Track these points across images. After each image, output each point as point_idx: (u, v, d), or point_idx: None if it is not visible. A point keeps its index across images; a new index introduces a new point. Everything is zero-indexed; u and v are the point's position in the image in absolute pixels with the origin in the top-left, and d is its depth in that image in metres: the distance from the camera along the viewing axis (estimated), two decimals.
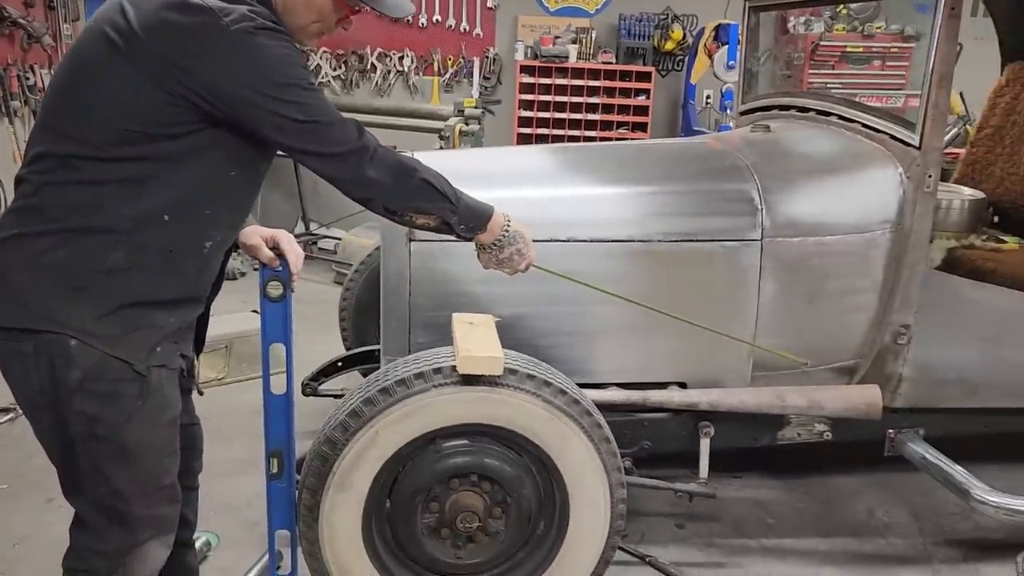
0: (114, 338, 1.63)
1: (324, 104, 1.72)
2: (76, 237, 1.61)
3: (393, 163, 1.81)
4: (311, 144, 1.72)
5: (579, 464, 2.20)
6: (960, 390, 2.71)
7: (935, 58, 2.35)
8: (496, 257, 2.01)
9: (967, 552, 2.95)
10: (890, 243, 2.56)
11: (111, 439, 1.66)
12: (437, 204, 1.87)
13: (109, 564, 1.76)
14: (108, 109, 1.61)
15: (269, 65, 1.63)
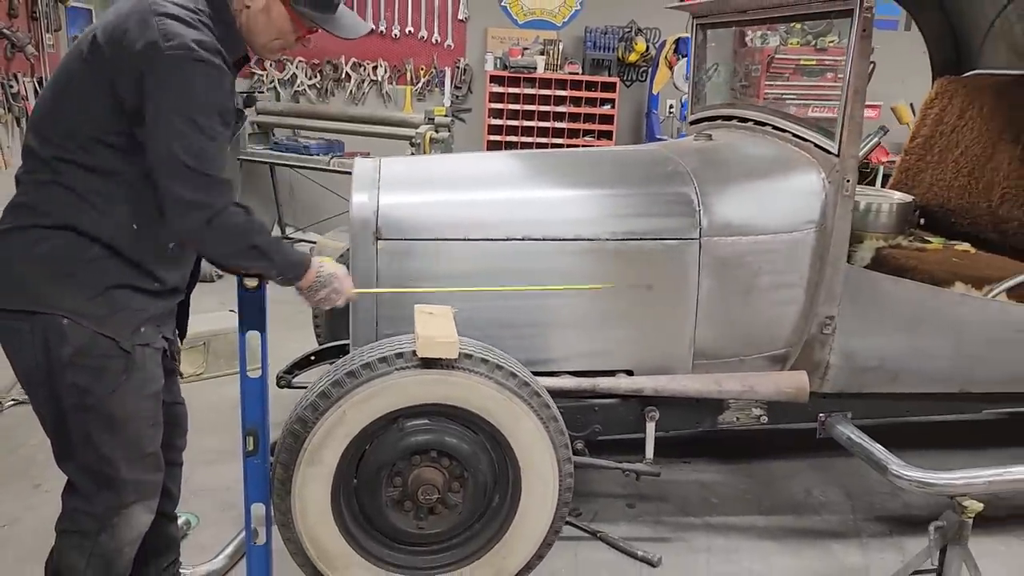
0: (101, 317, 1.84)
1: (214, 158, 1.82)
2: (61, 232, 1.84)
3: (231, 229, 1.88)
4: (176, 183, 1.80)
5: (529, 442, 2.41)
6: (882, 376, 2.94)
7: (850, 74, 2.60)
8: (313, 298, 2.13)
9: (893, 527, 3.21)
10: (815, 241, 2.80)
11: (99, 409, 1.87)
12: (259, 264, 1.99)
13: (98, 524, 1.96)
14: (77, 115, 1.84)
15: (188, 97, 1.77)
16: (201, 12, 1.85)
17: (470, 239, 2.76)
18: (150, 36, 1.75)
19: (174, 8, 1.80)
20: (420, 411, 2.39)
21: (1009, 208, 3.49)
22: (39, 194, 1.85)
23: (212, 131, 1.81)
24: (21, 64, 5.04)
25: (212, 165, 1.82)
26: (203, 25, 1.82)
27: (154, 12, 1.78)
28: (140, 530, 2.05)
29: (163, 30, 1.75)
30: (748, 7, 3.24)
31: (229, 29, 1.90)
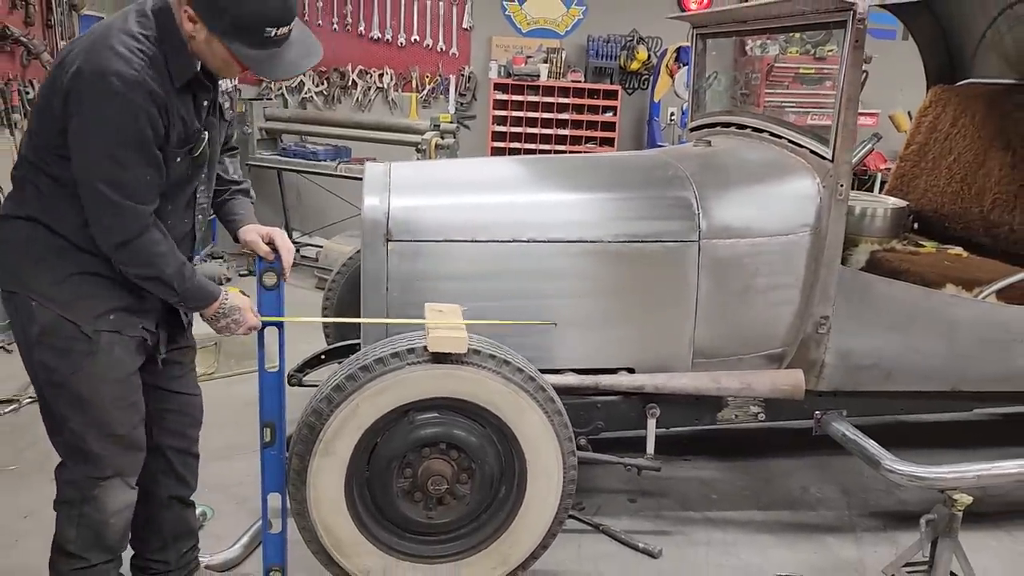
0: (65, 302, 2.01)
1: (128, 186, 1.92)
2: (33, 224, 2.01)
3: (141, 257, 1.99)
4: (94, 207, 1.93)
5: (535, 435, 2.51)
6: (876, 375, 3.04)
7: (843, 83, 2.71)
8: (216, 325, 2.22)
9: (887, 522, 3.30)
10: (810, 244, 2.90)
11: (65, 387, 2.04)
12: (163, 292, 2.08)
13: (80, 495, 2.13)
14: (40, 126, 2.00)
15: (103, 128, 1.87)
16: (145, 39, 1.91)
17: (477, 240, 2.86)
18: (80, 63, 1.86)
19: (116, 38, 1.88)
20: (430, 405, 2.49)
21: (1000, 213, 3.59)
22: (19, 190, 2.05)
23: (126, 161, 1.90)
24: (36, 71, 5.15)
25: (127, 193, 1.92)
26: (141, 54, 1.88)
27: (97, 42, 1.88)
28: (123, 503, 2.18)
29: (93, 60, 1.86)
30: (746, 17, 3.34)
31: (179, 52, 1.96)
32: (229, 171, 2.43)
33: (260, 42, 1.92)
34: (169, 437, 2.39)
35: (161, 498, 2.40)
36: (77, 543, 2.16)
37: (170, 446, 2.40)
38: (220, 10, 1.87)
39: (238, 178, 2.46)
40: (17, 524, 2.98)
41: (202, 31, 1.91)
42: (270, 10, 1.89)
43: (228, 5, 1.87)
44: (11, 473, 3.33)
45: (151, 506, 2.37)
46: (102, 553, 2.19)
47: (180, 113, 2.01)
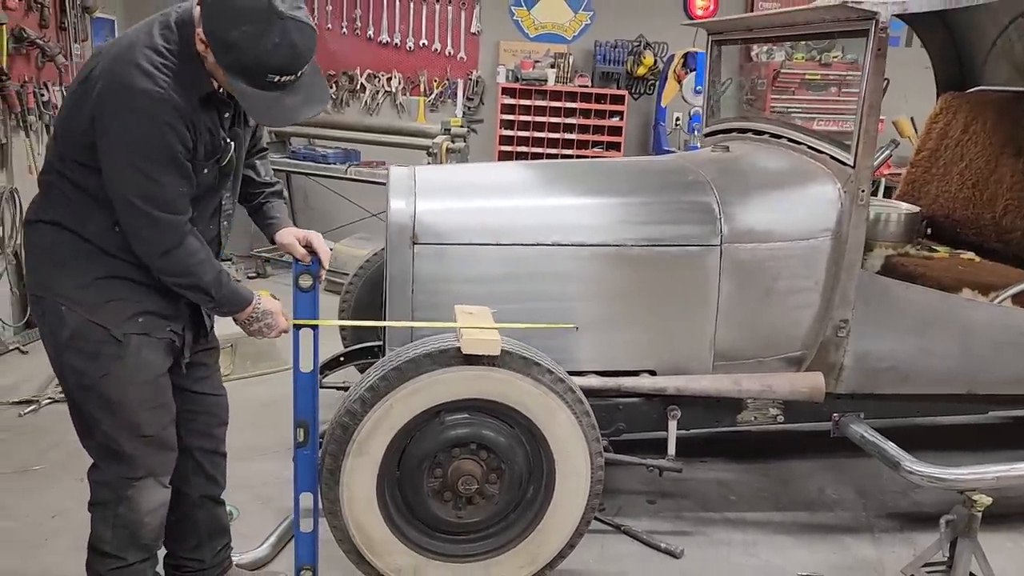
0: (92, 306, 2.03)
1: (162, 199, 1.95)
2: (57, 228, 2.04)
3: (179, 266, 2.03)
4: (131, 220, 1.97)
5: (564, 435, 2.55)
6: (894, 377, 3.08)
7: (865, 91, 2.75)
8: (248, 328, 2.27)
9: (904, 524, 3.34)
10: (830, 248, 2.94)
11: (95, 389, 2.06)
12: (200, 298, 2.13)
13: (114, 495, 2.15)
14: (69, 139, 2.03)
15: (131, 145, 1.89)
16: (169, 53, 1.93)
17: (501, 244, 2.90)
18: (107, 81, 1.90)
19: (141, 53, 1.90)
20: (460, 405, 2.52)
21: (1012, 219, 3.64)
22: (45, 195, 2.08)
23: (158, 176, 1.93)
24: (50, 73, 5.18)
25: (162, 206, 1.96)
26: (165, 70, 1.90)
27: (122, 57, 1.91)
28: (157, 502, 2.21)
29: (119, 78, 1.88)
30: (764, 25, 3.39)
31: (198, 65, 1.97)
32: (261, 173, 2.46)
33: (263, 84, 1.91)
34: (197, 438, 2.42)
35: (193, 498, 2.43)
36: (113, 543, 2.18)
37: (198, 447, 2.43)
38: (227, 47, 1.87)
39: (270, 180, 2.49)
40: (46, 523, 3.00)
41: (211, 55, 1.92)
42: (276, 59, 1.88)
43: (235, 45, 1.86)
44: (36, 473, 3.36)
45: (185, 506, 2.40)
46: (138, 552, 2.21)
47: (206, 125, 2.03)
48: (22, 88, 4.84)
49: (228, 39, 1.86)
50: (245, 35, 1.84)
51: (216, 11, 1.87)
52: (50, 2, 5.15)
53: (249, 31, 1.84)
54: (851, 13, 2.73)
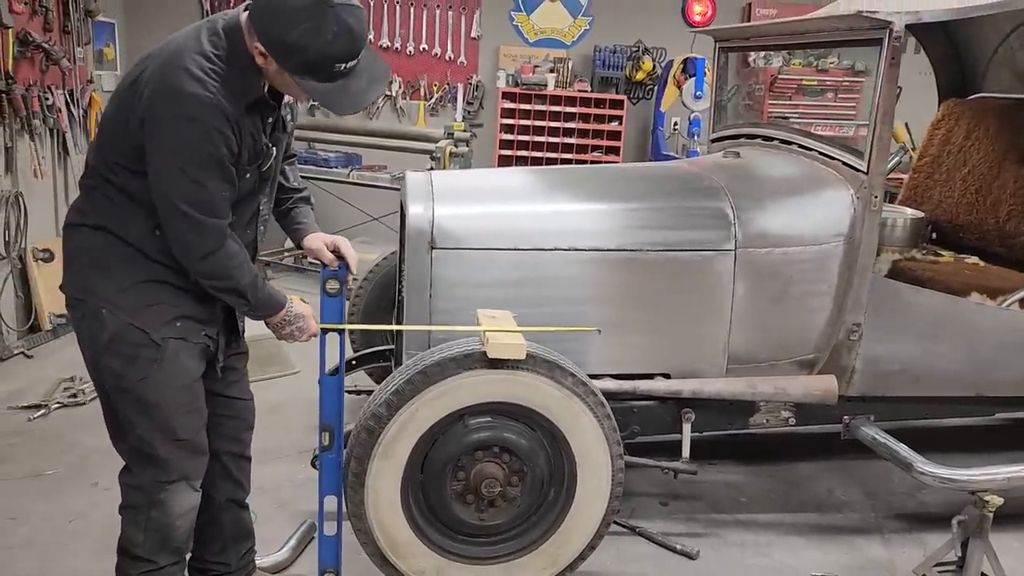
0: (133, 309, 2.05)
1: (206, 203, 1.97)
2: (100, 232, 2.06)
3: (220, 270, 2.06)
4: (174, 223, 1.98)
5: (586, 437, 2.57)
6: (904, 380, 3.13)
7: (879, 98, 2.80)
8: (279, 332, 2.30)
9: (912, 524, 3.39)
10: (843, 253, 2.99)
11: (133, 392, 2.08)
12: (237, 302, 2.16)
13: (147, 499, 2.16)
14: (109, 136, 2.05)
15: (179, 150, 1.91)
16: (218, 59, 1.95)
17: (519, 248, 2.93)
18: (156, 86, 1.91)
19: (189, 58, 1.92)
20: (484, 409, 2.55)
21: (1016, 224, 3.70)
22: (88, 198, 2.10)
23: (204, 180, 1.95)
24: (55, 76, 5.17)
25: (205, 210, 1.98)
26: (214, 75, 1.92)
27: (171, 62, 1.92)
28: (188, 505, 2.22)
29: (168, 83, 1.90)
30: (775, 33, 3.43)
31: (247, 72, 1.99)
32: (290, 179, 2.48)
33: (329, 76, 1.95)
34: (226, 442, 2.43)
35: (220, 502, 2.44)
36: (145, 547, 2.19)
37: (227, 451, 2.45)
38: (288, 51, 1.90)
39: (299, 185, 2.51)
40: (64, 528, 3.00)
41: (273, 64, 1.95)
42: (337, 49, 1.91)
43: (296, 48, 1.88)
44: (50, 478, 3.35)
45: (212, 510, 2.41)
46: (169, 555, 2.22)
47: (250, 130, 2.05)
48: (27, 92, 4.83)
49: (288, 42, 1.88)
50: (304, 33, 1.86)
51: (268, 18, 1.89)
52: (54, 6, 5.14)
53: (307, 28, 1.86)
54: (865, 22, 2.77)
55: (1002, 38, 4.06)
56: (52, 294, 5.02)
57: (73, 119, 5.38)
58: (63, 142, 5.33)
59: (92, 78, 5.77)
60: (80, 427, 3.79)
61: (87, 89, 5.60)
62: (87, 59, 5.68)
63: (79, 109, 5.45)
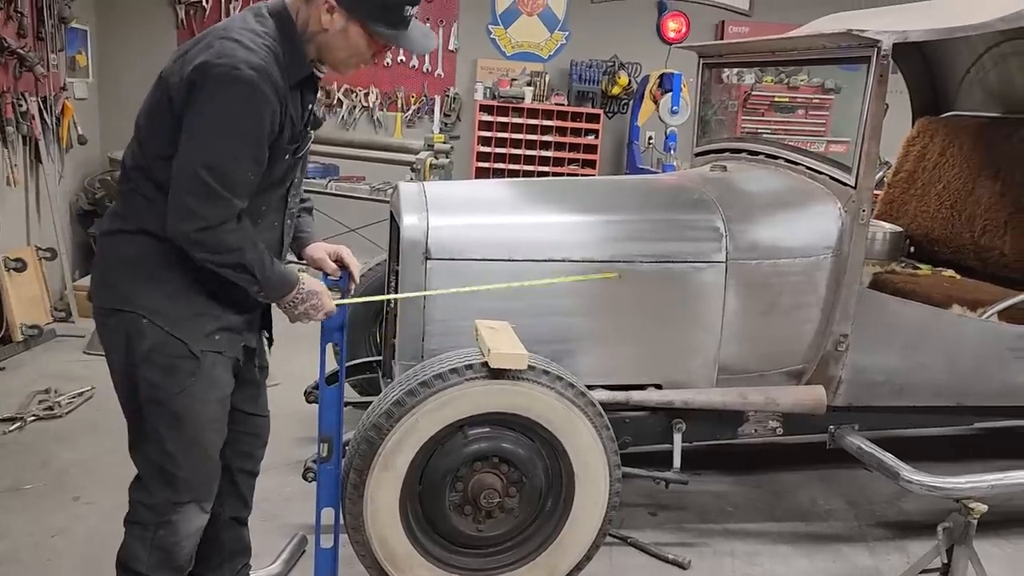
0: (175, 319, 1.99)
1: (230, 176, 1.87)
2: (141, 237, 1.99)
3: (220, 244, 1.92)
4: (184, 191, 1.86)
5: (585, 448, 2.59)
6: (889, 390, 3.19)
7: (867, 114, 2.87)
8: (293, 312, 2.14)
9: (895, 532, 3.45)
10: (831, 266, 3.05)
11: (167, 405, 2.02)
12: (242, 278, 1.99)
13: (157, 518, 2.10)
14: (149, 130, 1.98)
15: (223, 116, 1.85)
16: (267, 35, 1.94)
17: (513, 259, 2.94)
18: (205, 55, 1.86)
19: (238, 33, 1.90)
20: (484, 419, 2.55)
21: (990, 238, 3.81)
22: (124, 202, 2.04)
23: (237, 153, 1.88)
24: (28, 83, 5.08)
25: (226, 184, 1.87)
26: (265, 48, 1.91)
27: (219, 36, 1.90)
28: (196, 527, 2.16)
29: (218, 50, 1.86)
30: (762, 50, 3.50)
31: (296, 50, 1.98)
32: None
33: (397, 21, 2.00)
34: (239, 459, 2.37)
35: (224, 519, 2.39)
36: (147, 563, 2.12)
37: (239, 467, 2.38)
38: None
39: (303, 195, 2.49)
40: (46, 543, 2.92)
41: (339, 20, 1.96)
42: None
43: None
44: (29, 492, 3.26)
45: (215, 527, 2.34)
46: (171, 573, 2.16)
47: (291, 111, 2.00)
48: (0, 98, 4.73)
49: None
50: None
51: None
52: (28, 11, 5.05)
53: None
54: (854, 40, 2.84)
55: (975, 58, 4.19)
56: (24, 304, 4.91)
57: (46, 126, 5.29)
58: (36, 150, 5.24)
59: (65, 85, 5.68)
60: (57, 440, 3.71)
61: (60, 96, 5.51)
62: (60, 66, 5.59)
63: (52, 116, 5.36)
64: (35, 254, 5.17)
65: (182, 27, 6.96)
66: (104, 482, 3.30)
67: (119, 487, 2.19)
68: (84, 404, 4.12)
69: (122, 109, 6.82)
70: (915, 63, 4.43)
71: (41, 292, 5.14)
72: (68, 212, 6.02)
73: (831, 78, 7.43)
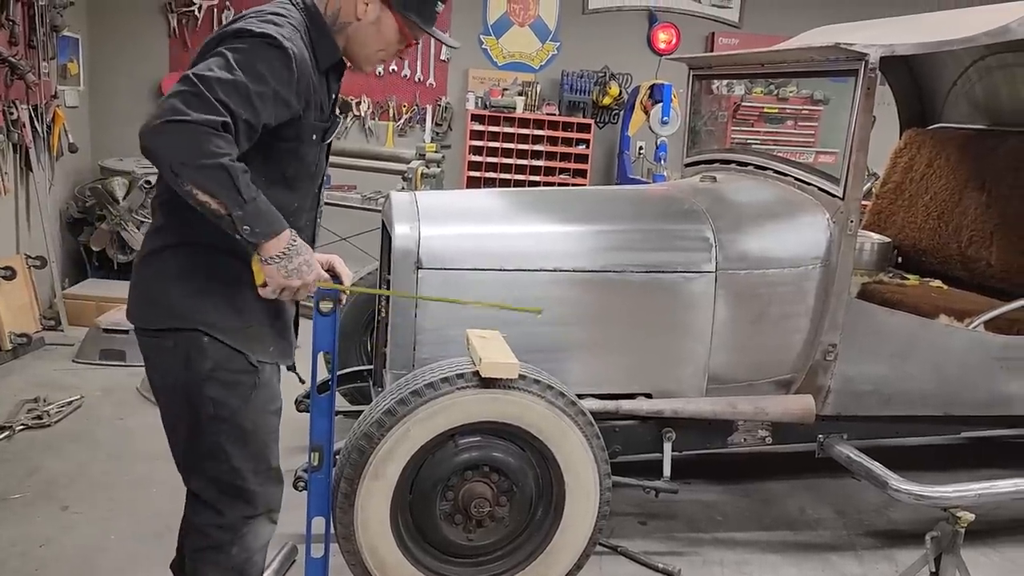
0: (235, 331, 1.94)
1: (223, 87, 1.70)
2: (188, 249, 1.92)
3: (195, 139, 1.66)
4: (169, 92, 1.70)
5: (575, 457, 2.60)
6: (877, 400, 3.22)
7: (855, 126, 2.90)
8: (285, 268, 1.84)
9: (883, 541, 3.47)
10: (820, 276, 3.08)
11: (232, 421, 1.97)
12: (222, 192, 1.70)
13: (231, 536, 2.04)
14: None
15: (242, 52, 1.75)
16: (293, 18, 1.93)
17: (505, 269, 2.95)
18: (235, 25, 1.84)
19: (267, 16, 1.88)
20: (474, 428, 2.55)
21: (977, 249, 3.85)
22: (165, 215, 1.95)
23: (237, 70, 1.72)
24: (19, 91, 5.07)
25: (214, 88, 1.68)
26: (291, 27, 1.88)
27: (250, 17, 1.88)
28: (265, 539, 2.13)
29: (246, 21, 1.85)
30: (752, 63, 3.54)
31: (325, 38, 1.98)
32: None
33: (429, 16, 2.05)
34: None
35: None
36: None
37: None
38: None
39: None
40: (33, 552, 2.90)
41: (374, 10, 1.99)
42: None
43: None
44: (16, 502, 3.24)
45: None
46: None
47: (319, 96, 1.96)
48: None
49: None
50: None
51: None
52: (21, 20, 5.05)
53: None
54: (841, 54, 2.87)
55: (961, 71, 4.24)
56: (12, 312, 4.89)
57: (37, 134, 5.28)
58: (26, 157, 5.22)
59: (56, 93, 5.67)
60: (46, 450, 3.69)
61: (51, 104, 5.50)
62: (52, 74, 5.59)
63: (43, 124, 5.35)
64: (24, 262, 5.15)
65: (174, 36, 6.97)
66: (92, 492, 3.29)
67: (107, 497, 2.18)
68: (73, 413, 4.10)
69: (113, 117, 6.83)
70: (902, 76, 4.48)
71: (30, 300, 5.12)
72: (58, 220, 6.00)
73: (820, 89, 7.50)
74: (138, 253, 2.01)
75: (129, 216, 5.91)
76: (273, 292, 1.90)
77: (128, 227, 5.90)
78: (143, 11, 6.93)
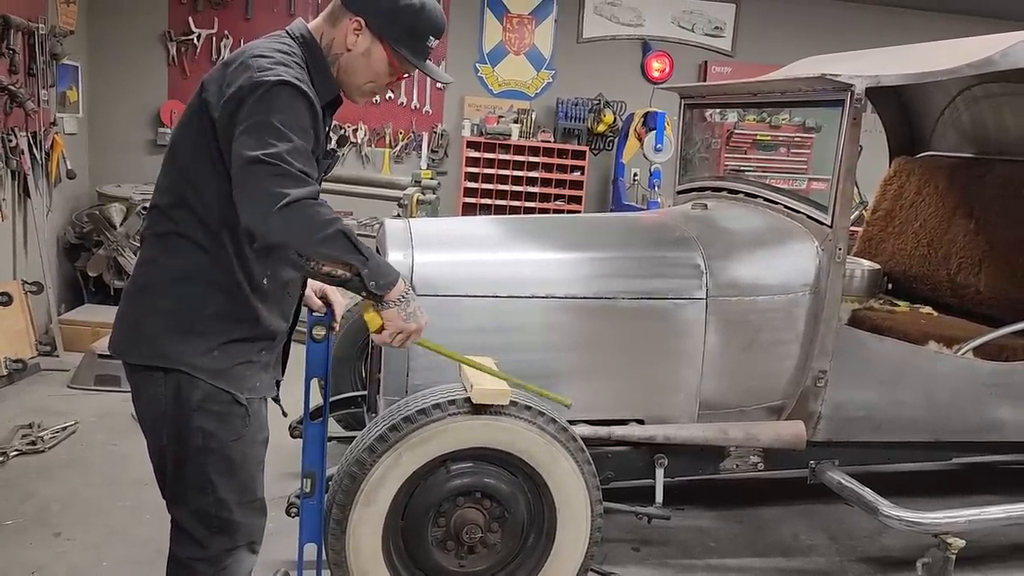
0: (218, 372, 1.93)
1: (293, 156, 1.75)
2: (179, 286, 1.92)
3: (309, 216, 1.76)
4: (251, 180, 1.74)
5: (566, 482, 2.61)
6: (867, 426, 3.23)
7: (842, 156, 2.95)
8: (404, 311, 1.98)
9: (876, 567, 3.46)
10: (809, 303, 3.11)
11: (221, 452, 1.96)
12: (347, 256, 1.82)
13: (213, 569, 2.02)
14: (182, 163, 1.92)
15: (269, 108, 1.77)
16: (295, 54, 1.95)
17: (497, 296, 2.98)
18: (247, 73, 1.83)
19: (270, 52, 1.90)
20: (466, 454, 2.57)
21: (967, 276, 3.88)
22: (156, 246, 1.95)
23: (291, 135, 1.77)
24: (17, 119, 5.12)
25: (291, 161, 1.74)
26: (296, 65, 1.90)
27: (251, 55, 1.88)
28: (248, 569, 2.11)
29: (258, 65, 1.84)
30: (741, 92, 3.59)
31: (323, 73, 2.00)
32: None
33: (420, 51, 2.05)
34: None
35: None
36: None
37: None
38: (395, 16, 1.97)
39: None
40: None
41: (364, 41, 1.98)
42: (435, 24, 2.04)
43: (404, 12, 1.98)
44: (9, 528, 3.24)
45: None
46: None
47: (321, 132, 1.98)
48: None
49: (400, 4, 1.97)
50: (410, 3, 1.97)
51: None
52: (20, 48, 5.12)
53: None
54: (828, 84, 2.93)
55: (948, 100, 4.30)
56: (8, 338, 4.90)
57: (35, 161, 5.33)
58: (24, 184, 5.26)
59: (55, 120, 5.73)
60: (40, 475, 3.69)
61: (50, 131, 5.55)
62: (51, 101, 5.64)
63: (41, 151, 5.39)
64: (21, 288, 5.17)
65: (173, 64, 7.05)
66: (86, 518, 3.29)
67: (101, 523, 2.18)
68: (68, 439, 4.10)
69: (112, 144, 6.90)
70: (891, 105, 4.54)
71: (26, 326, 5.14)
72: (55, 246, 6.03)
73: (812, 117, 7.58)
74: (128, 283, 2.02)
75: (126, 242, 5.94)
76: (390, 336, 2.01)
77: (125, 253, 5.93)
78: (142, 40, 7.02)
